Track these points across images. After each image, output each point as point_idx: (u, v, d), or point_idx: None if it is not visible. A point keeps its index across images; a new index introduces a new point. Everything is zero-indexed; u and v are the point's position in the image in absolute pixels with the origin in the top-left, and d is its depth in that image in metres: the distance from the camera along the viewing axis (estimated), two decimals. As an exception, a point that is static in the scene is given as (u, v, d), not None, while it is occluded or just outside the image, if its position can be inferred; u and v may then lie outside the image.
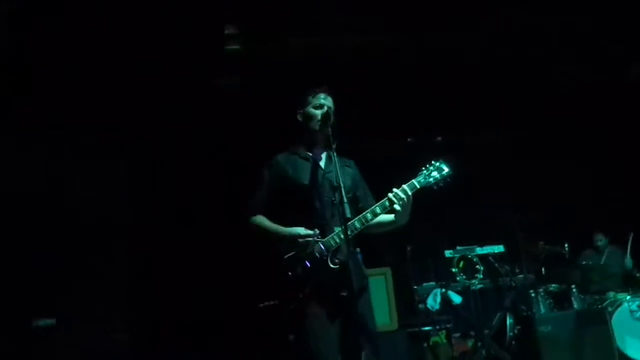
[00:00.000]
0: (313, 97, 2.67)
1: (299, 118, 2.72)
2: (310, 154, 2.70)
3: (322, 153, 2.71)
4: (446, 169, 2.60)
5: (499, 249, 5.33)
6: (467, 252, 5.25)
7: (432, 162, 2.62)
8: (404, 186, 2.54)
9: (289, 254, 2.49)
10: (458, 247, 5.28)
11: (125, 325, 5.02)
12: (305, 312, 2.42)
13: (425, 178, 2.57)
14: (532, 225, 5.26)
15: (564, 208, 6.15)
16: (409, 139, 6.59)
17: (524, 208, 5.60)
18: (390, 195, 2.52)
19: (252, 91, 5.41)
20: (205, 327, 5.31)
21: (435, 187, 2.58)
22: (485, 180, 6.16)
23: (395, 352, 4.57)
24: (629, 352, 4.82)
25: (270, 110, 4.91)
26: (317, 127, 2.61)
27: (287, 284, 2.46)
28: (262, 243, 2.62)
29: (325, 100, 2.65)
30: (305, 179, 2.60)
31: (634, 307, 4.97)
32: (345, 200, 2.31)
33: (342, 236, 2.42)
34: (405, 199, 2.51)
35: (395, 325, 4.74)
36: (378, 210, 2.52)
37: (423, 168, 2.61)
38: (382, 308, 4.63)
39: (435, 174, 2.58)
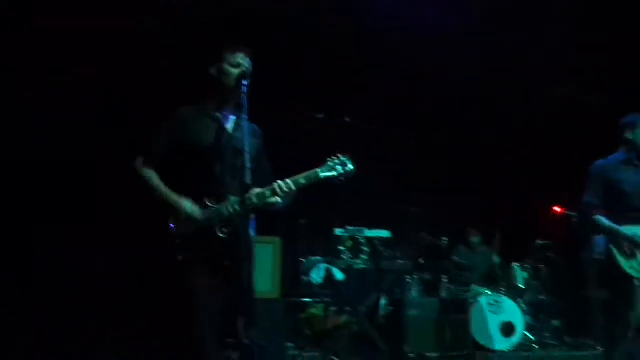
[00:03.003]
0: (231, 55, 2.53)
1: (213, 72, 2.56)
2: (219, 115, 2.59)
3: (230, 115, 2.61)
4: (350, 166, 2.57)
5: (385, 234, 5.60)
6: (356, 233, 5.47)
7: (338, 155, 2.59)
8: (289, 181, 2.50)
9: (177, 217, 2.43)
10: (348, 227, 5.48)
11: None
12: (186, 277, 2.39)
13: (328, 171, 2.55)
14: (419, 217, 5.62)
15: (448, 205, 6.61)
16: (319, 115, 6.65)
17: (415, 200, 5.96)
18: (275, 185, 2.48)
19: (171, 35, 5.14)
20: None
21: (335, 182, 2.58)
22: (383, 168, 6.42)
23: (272, 320, 4.67)
24: (480, 339, 5.37)
25: (185, 57, 4.71)
26: (231, 86, 2.49)
27: (171, 245, 2.41)
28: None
29: (243, 61, 2.52)
30: (208, 140, 2.51)
31: (490, 300, 5.53)
32: (248, 166, 2.28)
33: (237, 207, 2.39)
34: (288, 193, 2.49)
35: (276, 294, 4.85)
36: (264, 195, 2.46)
37: (328, 159, 2.58)
38: (266, 276, 4.69)
39: (339, 168, 2.56)
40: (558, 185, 6.22)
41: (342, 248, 5.39)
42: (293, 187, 2.49)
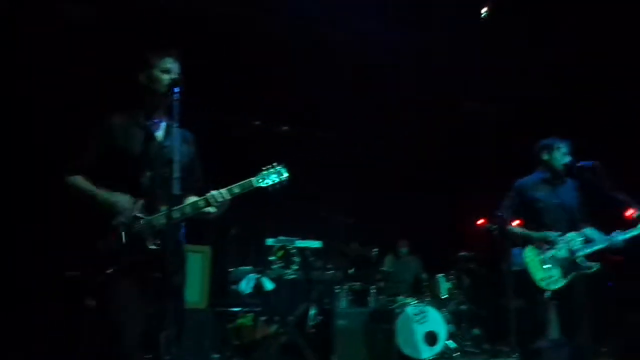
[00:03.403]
0: (159, 60, 2.46)
1: (142, 80, 2.49)
2: (149, 123, 2.52)
3: (161, 122, 2.55)
4: (285, 175, 2.61)
5: (316, 244, 5.64)
6: (287, 243, 5.47)
7: (274, 164, 2.62)
8: (223, 191, 2.48)
9: (105, 223, 2.34)
10: (280, 237, 5.48)
11: None
12: (113, 289, 2.30)
13: (262, 179, 2.57)
14: (349, 227, 5.71)
15: (378, 216, 6.76)
16: (256, 122, 6.62)
17: (347, 210, 6.05)
18: (208, 195, 2.46)
19: (106, 27, 4.95)
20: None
21: (269, 189, 2.59)
22: (317, 178, 6.48)
23: (200, 330, 4.58)
24: (404, 349, 5.51)
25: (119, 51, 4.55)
26: (162, 92, 2.42)
27: (97, 256, 2.31)
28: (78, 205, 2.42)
29: (172, 65, 2.47)
30: (137, 149, 2.44)
31: (416, 311, 5.69)
32: (176, 176, 2.23)
33: (167, 217, 2.33)
34: (221, 203, 2.47)
35: (204, 304, 4.76)
36: (197, 205, 2.44)
37: (263, 168, 2.60)
38: (194, 285, 4.61)
39: (273, 177, 2.58)
40: (480, 199, 6.52)
41: (272, 258, 5.37)
42: (227, 197, 2.46)
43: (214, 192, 2.46)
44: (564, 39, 5.63)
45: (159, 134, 2.54)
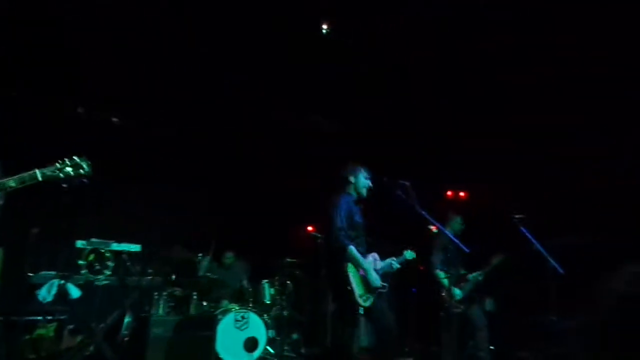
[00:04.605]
0: None
1: None
2: None
3: None
4: (85, 169, 2.44)
5: (135, 247, 5.31)
6: (102, 246, 5.06)
7: (74, 157, 2.44)
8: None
9: None
10: (93, 239, 5.04)
11: None
12: None
13: (52, 172, 2.35)
14: (172, 230, 5.47)
15: (203, 221, 6.62)
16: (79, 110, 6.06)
17: (171, 212, 5.80)
18: None
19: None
20: None
21: (64, 184, 2.39)
22: (143, 178, 6.13)
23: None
24: (224, 356, 5.44)
25: None
26: None
27: None
28: None
29: None
30: None
31: (238, 317, 5.66)
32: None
33: None
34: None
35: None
36: None
37: (60, 160, 2.39)
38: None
39: (68, 169, 2.39)
40: (306, 208, 6.77)
41: (82, 262, 4.91)
42: (14, 185, 2.18)
43: None
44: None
45: None
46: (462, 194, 7.93)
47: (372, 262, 4.29)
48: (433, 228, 4.67)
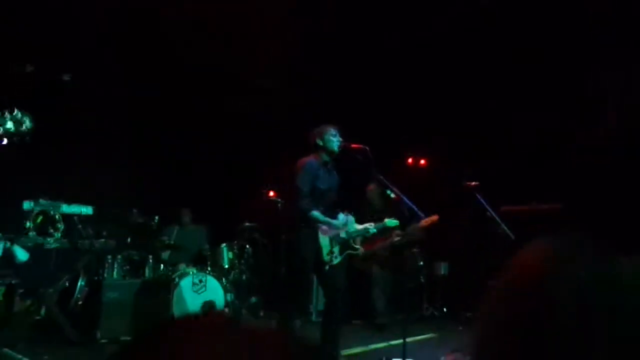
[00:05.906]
0: None
1: None
2: None
3: None
4: (27, 125, 2.24)
5: (87, 210, 5.13)
6: (51, 208, 4.85)
7: (15, 109, 2.24)
8: None
9: None
10: (41, 201, 4.82)
11: None
12: None
13: None
14: (128, 194, 5.31)
15: (161, 183, 6.46)
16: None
17: (127, 176, 5.62)
18: None
19: None
20: None
21: (4, 140, 2.20)
22: (97, 138, 5.90)
23: None
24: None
25: None
26: None
27: None
28: None
29: None
30: None
31: (195, 280, 5.60)
32: None
33: None
34: None
35: None
36: None
37: None
38: None
39: (8, 124, 2.19)
40: (265, 171, 6.69)
41: (29, 224, 4.71)
42: None
43: None
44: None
45: None
46: (422, 161, 8.00)
47: (345, 223, 4.25)
48: (392, 194, 4.68)
